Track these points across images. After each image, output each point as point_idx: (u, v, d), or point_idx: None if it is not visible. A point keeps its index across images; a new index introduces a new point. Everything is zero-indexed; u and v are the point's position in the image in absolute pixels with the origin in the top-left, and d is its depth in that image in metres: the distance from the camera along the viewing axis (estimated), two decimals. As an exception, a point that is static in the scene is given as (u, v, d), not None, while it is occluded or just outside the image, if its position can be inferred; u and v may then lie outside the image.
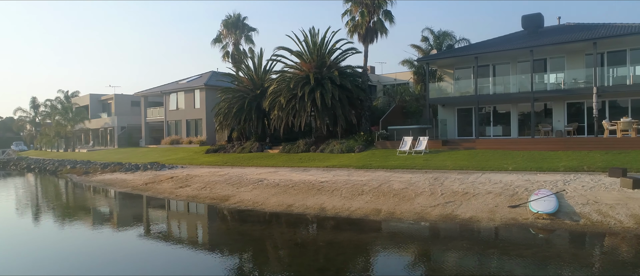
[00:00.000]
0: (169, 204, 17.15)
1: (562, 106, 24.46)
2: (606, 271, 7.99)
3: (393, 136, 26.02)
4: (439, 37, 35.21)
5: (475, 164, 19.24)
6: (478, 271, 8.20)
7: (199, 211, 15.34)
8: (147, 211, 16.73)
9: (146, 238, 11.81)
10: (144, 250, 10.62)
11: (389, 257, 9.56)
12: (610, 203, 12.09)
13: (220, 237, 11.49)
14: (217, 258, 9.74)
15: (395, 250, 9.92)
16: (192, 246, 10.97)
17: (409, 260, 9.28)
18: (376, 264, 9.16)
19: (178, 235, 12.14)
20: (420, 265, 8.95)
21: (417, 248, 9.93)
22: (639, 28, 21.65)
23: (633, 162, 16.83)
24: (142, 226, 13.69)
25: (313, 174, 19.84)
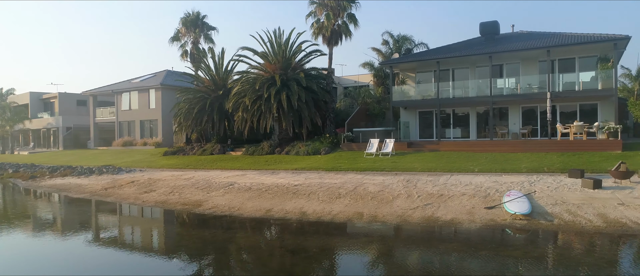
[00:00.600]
0: (138, 211, 16.31)
1: (518, 110, 25.75)
2: (593, 270, 8.44)
3: (358, 138, 26.28)
4: (398, 40, 36.06)
5: (443, 166, 19.81)
6: (480, 272, 8.41)
7: (173, 218, 14.64)
8: (114, 218, 15.82)
9: (117, 248, 11.14)
10: (118, 262, 10.00)
11: (385, 262, 9.58)
12: (577, 203, 12.84)
13: (207, 247, 10.76)
14: (210, 272, 9.33)
15: (389, 254, 9.95)
16: (179, 257, 10.41)
17: (407, 263, 9.30)
18: (376, 269, 9.20)
19: (157, 245, 11.52)
20: (420, 268, 8.96)
21: (412, 252, 9.91)
22: (586, 38, 23.20)
23: (587, 163, 18.01)
24: (110, 234, 12.93)
25: (284, 177, 19.63)
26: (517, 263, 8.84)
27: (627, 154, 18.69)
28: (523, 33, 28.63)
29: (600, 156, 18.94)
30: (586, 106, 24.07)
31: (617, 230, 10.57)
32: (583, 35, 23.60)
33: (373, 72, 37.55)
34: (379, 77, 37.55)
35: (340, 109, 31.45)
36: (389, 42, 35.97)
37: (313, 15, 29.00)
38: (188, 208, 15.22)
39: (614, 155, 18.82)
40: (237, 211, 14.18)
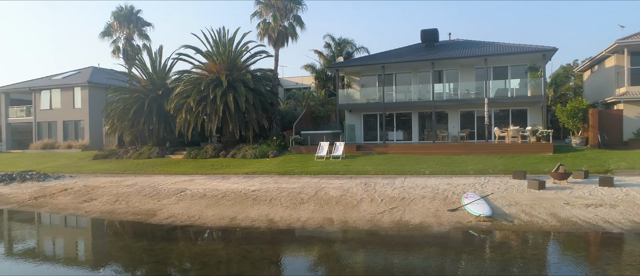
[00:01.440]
0: (84, 223, 14.76)
1: (457, 114, 27.16)
2: (570, 267, 9.04)
3: (307, 141, 26.17)
4: (339, 44, 36.58)
5: (395, 168, 20.31)
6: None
7: (129, 231, 13.33)
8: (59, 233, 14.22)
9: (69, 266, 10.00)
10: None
11: (375, 270, 9.48)
12: (528, 204, 13.76)
13: (182, 263, 9.90)
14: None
15: (377, 262, 9.82)
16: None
17: (402, 270, 9.22)
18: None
19: (125, 263, 10.32)
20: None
21: (399, 259, 9.77)
22: (518, 48, 25.05)
23: (526, 165, 19.40)
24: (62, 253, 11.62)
25: (237, 183, 18.98)
26: (500, 264, 9.22)
27: (559, 156, 20.44)
28: (459, 41, 30.29)
29: (536, 158, 20.53)
30: (517, 111, 26.00)
31: (571, 228, 11.45)
32: (516, 46, 25.45)
33: (314, 75, 37.74)
34: (321, 80, 37.80)
35: (285, 111, 31.14)
36: (331, 45, 36.36)
37: (258, 15, 28.43)
38: (141, 218, 14.11)
39: (547, 157, 20.50)
40: (199, 221, 13.42)
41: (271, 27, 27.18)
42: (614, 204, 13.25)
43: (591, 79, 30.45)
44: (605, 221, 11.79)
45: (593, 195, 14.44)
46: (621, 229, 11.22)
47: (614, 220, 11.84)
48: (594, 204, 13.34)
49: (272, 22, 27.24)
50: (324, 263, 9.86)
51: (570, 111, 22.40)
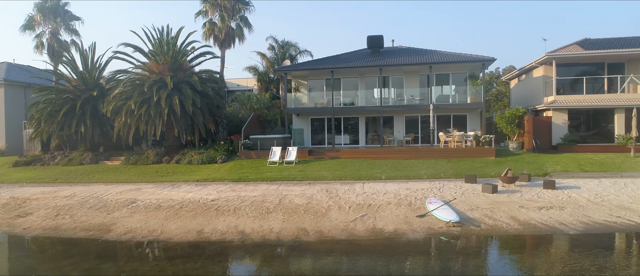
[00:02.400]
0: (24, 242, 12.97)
1: (402, 119, 28.02)
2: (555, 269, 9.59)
3: (256, 145, 25.53)
4: (283, 46, 36.22)
5: (351, 174, 20.45)
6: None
7: (87, 249, 11.48)
8: None
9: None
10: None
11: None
12: (487, 207, 14.50)
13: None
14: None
15: (370, 272, 9.72)
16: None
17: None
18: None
19: None
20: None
21: (390, 269, 9.74)
22: (461, 57, 26.38)
23: (473, 169, 20.45)
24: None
25: (191, 191, 18.02)
26: (485, 268, 9.58)
27: (500, 160, 21.81)
28: (403, 48, 31.29)
29: (480, 162, 21.72)
30: (458, 116, 27.38)
31: (532, 230, 12.22)
32: (458, 55, 26.79)
33: (257, 77, 37.04)
34: (264, 82, 37.18)
35: (231, 115, 30.16)
36: (274, 47, 35.90)
37: (203, 14, 27.28)
38: (94, 234, 12.83)
39: (491, 161, 21.79)
40: (162, 235, 12.48)
41: (218, 28, 26.19)
42: (562, 207, 14.36)
43: (518, 87, 32.92)
44: (560, 223, 12.73)
45: (541, 198, 15.56)
46: (575, 230, 12.16)
47: (567, 222, 12.81)
48: (545, 206, 14.36)
49: (219, 22, 26.25)
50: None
51: (509, 118, 24.04)
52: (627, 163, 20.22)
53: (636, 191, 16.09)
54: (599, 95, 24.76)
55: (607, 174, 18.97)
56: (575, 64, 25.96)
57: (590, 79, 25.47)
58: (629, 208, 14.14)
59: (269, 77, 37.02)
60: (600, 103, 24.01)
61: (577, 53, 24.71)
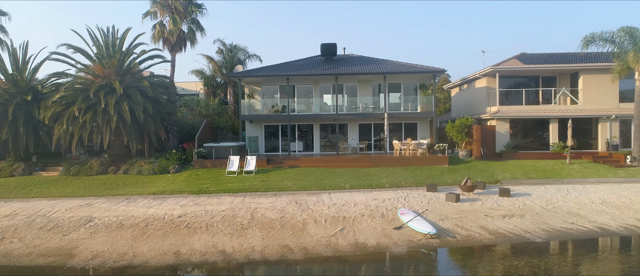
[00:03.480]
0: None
1: (356, 126, 28.47)
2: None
3: (211, 154, 24.62)
4: (231, 50, 35.38)
5: (314, 183, 20.40)
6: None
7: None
8: None
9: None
10: None
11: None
12: (456, 217, 15.15)
13: None
14: None
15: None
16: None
17: None
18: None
19: None
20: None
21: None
22: (413, 68, 27.34)
23: (431, 177, 21.28)
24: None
25: (151, 206, 16.98)
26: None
27: (454, 168, 22.89)
28: (355, 56, 31.81)
29: (436, 169, 22.64)
30: (408, 124, 28.35)
31: (503, 239, 12.94)
32: (411, 65, 27.74)
33: (203, 81, 35.86)
34: (211, 87, 36.09)
35: (182, 122, 28.85)
36: (223, 50, 34.94)
37: (152, 15, 25.85)
38: (55, 261, 11.59)
39: (445, 168, 22.79)
40: (136, 259, 11.59)
41: (170, 31, 24.94)
42: (522, 215, 15.37)
43: (460, 95, 34.79)
44: (525, 232, 13.60)
45: (501, 206, 16.55)
46: (540, 238, 13.06)
47: (531, 230, 13.72)
48: (508, 215, 15.29)
49: (170, 25, 25.00)
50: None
51: (459, 127, 25.32)
52: (565, 170, 22.11)
53: (579, 197, 17.64)
54: (536, 106, 26.84)
55: (549, 180, 20.61)
56: (514, 76, 27.93)
57: (529, 91, 27.53)
58: (578, 214, 15.45)
59: (216, 81, 35.98)
60: (538, 114, 26.05)
61: (517, 67, 26.61)
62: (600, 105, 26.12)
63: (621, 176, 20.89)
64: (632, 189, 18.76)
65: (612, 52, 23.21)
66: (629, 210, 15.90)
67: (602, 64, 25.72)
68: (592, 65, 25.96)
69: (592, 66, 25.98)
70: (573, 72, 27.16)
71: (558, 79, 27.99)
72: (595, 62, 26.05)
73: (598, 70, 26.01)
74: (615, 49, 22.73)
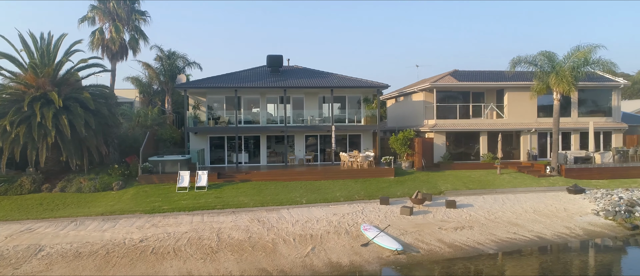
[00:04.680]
0: None
1: (302, 138, 28.93)
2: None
3: (157, 168, 23.65)
4: (170, 57, 34.17)
5: (270, 199, 20.49)
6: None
7: None
8: None
9: None
10: None
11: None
12: (414, 231, 16.19)
13: None
14: None
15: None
16: None
17: None
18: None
19: None
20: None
21: None
22: (359, 82, 28.39)
23: (380, 189, 22.30)
24: None
25: (104, 229, 16.06)
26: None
27: (400, 180, 24.18)
28: (300, 68, 32.26)
29: (384, 181, 23.77)
30: (353, 136, 29.38)
31: (462, 253, 14.12)
32: (357, 80, 28.77)
33: (139, 88, 34.25)
34: (147, 94, 34.57)
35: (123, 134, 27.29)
36: (161, 58, 33.59)
37: (90, 21, 24.32)
38: (16, 299, 10.72)
39: (392, 180, 24.01)
40: (109, 292, 11.07)
41: (111, 39, 23.65)
42: (471, 226, 16.81)
43: (396, 107, 36.63)
44: (478, 244, 14.95)
45: (450, 218, 17.93)
46: (492, 249, 14.46)
47: (482, 242, 15.11)
48: (459, 227, 16.64)
49: (113, 33, 23.69)
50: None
51: (402, 140, 26.78)
52: (497, 180, 24.34)
53: (514, 207, 19.60)
54: (468, 120, 29.17)
55: (486, 191, 22.59)
56: (448, 91, 30.11)
57: (461, 106, 29.80)
58: (517, 223, 17.23)
59: (153, 90, 34.53)
60: (470, 127, 28.35)
61: (452, 84, 28.75)
62: (522, 119, 29.05)
63: (544, 185, 23.47)
64: (555, 198, 21.18)
65: (533, 72, 25.95)
66: (557, 218, 18.03)
67: (523, 82, 28.63)
68: (515, 83, 28.81)
69: (515, 84, 28.83)
70: (499, 89, 29.91)
71: (486, 95, 30.65)
72: (517, 80, 28.92)
73: (520, 88, 28.91)
74: (538, 70, 25.44)
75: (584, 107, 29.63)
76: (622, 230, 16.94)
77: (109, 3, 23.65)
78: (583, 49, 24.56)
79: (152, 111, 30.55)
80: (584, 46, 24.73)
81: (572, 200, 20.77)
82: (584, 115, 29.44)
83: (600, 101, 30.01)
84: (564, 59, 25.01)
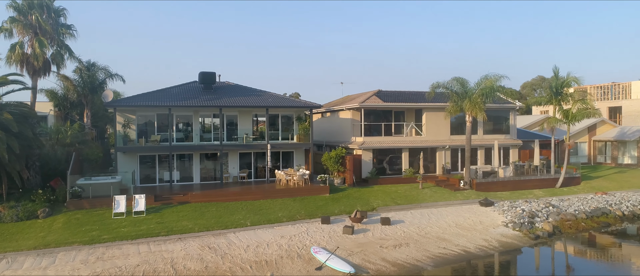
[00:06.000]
0: None
1: (236, 155, 29.15)
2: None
3: (87, 192, 22.40)
4: (89, 68, 32.28)
5: (214, 222, 20.61)
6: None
7: None
8: None
9: None
10: None
11: None
12: (359, 251, 17.59)
13: None
14: None
15: None
16: None
17: None
18: None
19: None
20: None
21: None
22: (293, 102, 29.48)
23: (318, 207, 23.46)
24: None
25: (43, 266, 15.20)
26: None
27: (335, 197, 25.57)
28: (231, 84, 32.37)
29: (321, 199, 24.98)
30: (286, 153, 30.27)
31: (405, 270, 15.80)
32: (290, 99, 29.85)
33: (54, 102, 31.86)
34: (64, 108, 32.29)
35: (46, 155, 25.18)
36: (81, 69, 31.54)
37: (7, 33, 22.30)
38: None
39: (328, 197, 25.31)
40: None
41: (35, 54, 21.92)
42: (407, 243, 18.68)
43: (322, 122, 38.14)
44: (416, 260, 16.79)
45: (387, 235, 19.68)
46: (429, 265, 16.39)
47: (419, 259, 16.99)
48: (397, 244, 18.41)
49: (36, 48, 21.97)
50: None
51: (335, 158, 28.29)
52: (420, 194, 26.84)
53: (439, 222, 21.99)
54: (392, 137, 31.61)
55: (412, 206, 24.87)
56: (374, 110, 32.31)
57: (386, 124, 32.16)
58: (445, 238, 19.50)
59: (70, 103, 32.31)
60: (394, 144, 30.79)
61: (378, 104, 30.99)
62: (437, 137, 32.21)
63: (460, 199, 26.44)
64: (470, 211, 24.06)
65: (449, 95, 29.02)
66: (476, 231, 20.68)
67: (439, 103, 31.76)
68: (432, 104, 31.86)
69: (432, 104, 31.87)
70: (418, 109, 32.83)
71: (406, 114, 33.41)
72: (434, 102, 32.01)
73: (436, 108, 32.02)
74: (454, 94, 28.51)
75: (488, 126, 33.63)
76: (527, 240, 20.02)
77: (31, 16, 21.89)
78: (490, 78, 28.10)
79: (73, 127, 28.64)
80: (490, 75, 28.30)
81: (484, 213, 23.79)
82: (488, 133, 33.46)
83: (500, 121, 34.32)
84: (475, 85, 28.37)
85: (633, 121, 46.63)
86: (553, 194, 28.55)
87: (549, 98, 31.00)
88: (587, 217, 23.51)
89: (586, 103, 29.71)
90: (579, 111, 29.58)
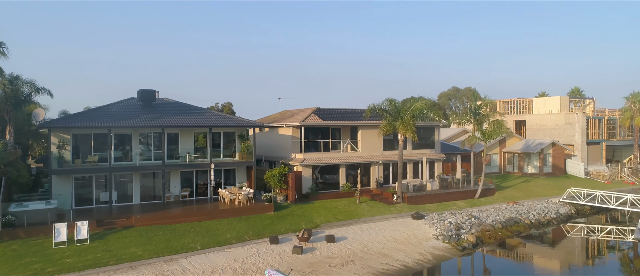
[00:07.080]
0: None
1: (178, 174, 29.00)
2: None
3: (22, 221, 21.23)
4: (12, 82, 30.23)
5: (163, 247, 20.67)
6: None
7: None
8: None
9: None
10: None
11: None
12: (310, 271, 18.78)
13: None
14: None
15: None
16: None
17: None
18: None
19: None
20: None
21: None
22: (236, 121, 29.94)
23: (265, 227, 24.31)
24: None
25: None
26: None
27: (280, 214, 26.55)
28: (171, 101, 32.02)
29: (266, 217, 25.79)
30: (227, 170, 30.65)
31: (353, 288, 17.32)
32: (233, 118, 30.26)
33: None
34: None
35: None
36: (3, 84, 29.41)
37: None
38: None
39: (273, 216, 26.20)
40: None
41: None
42: (353, 261, 20.22)
43: (261, 136, 38.81)
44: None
45: (334, 253, 21.09)
46: (375, 282, 18.03)
47: (366, 275, 18.59)
48: (344, 262, 19.87)
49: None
50: None
51: (278, 175, 29.23)
52: (359, 209, 28.69)
53: (378, 237, 23.86)
54: (330, 153, 33.26)
55: (352, 221, 26.59)
56: (313, 127, 33.73)
57: (325, 141, 33.72)
58: (385, 253, 21.35)
59: (1, 123, 29.97)
60: (332, 160, 32.45)
61: (317, 123, 32.46)
62: (371, 152, 34.43)
63: (394, 212, 28.69)
64: (405, 225, 26.28)
65: (382, 114, 31.28)
66: (411, 245, 22.82)
67: (373, 122, 33.99)
68: (366, 122, 34.01)
69: (366, 122, 34.03)
70: (353, 127, 34.81)
71: (342, 131, 35.25)
72: (368, 120, 34.18)
73: (370, 126, 34.23)
74: (388, 116, 30.77)
75: (416, 142, 36.53)
76: (456, 252, 22.54)
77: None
78: (418, 101, 30.79)
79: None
80: (417, 98, 31.01)
81: (417, 226, 26.13)
82: (417, 148, 36.36)
83: (427, 137, 37.43)
84: (406, 108, 30.87)
85: (535, 133, 52.86)
86: (473, 205, 31.89)
87: (469, 117, 34.60)
88: (503, 227, 26.83)
89: (501, 125, 33.63)
90: (494, 131, 33.40)
